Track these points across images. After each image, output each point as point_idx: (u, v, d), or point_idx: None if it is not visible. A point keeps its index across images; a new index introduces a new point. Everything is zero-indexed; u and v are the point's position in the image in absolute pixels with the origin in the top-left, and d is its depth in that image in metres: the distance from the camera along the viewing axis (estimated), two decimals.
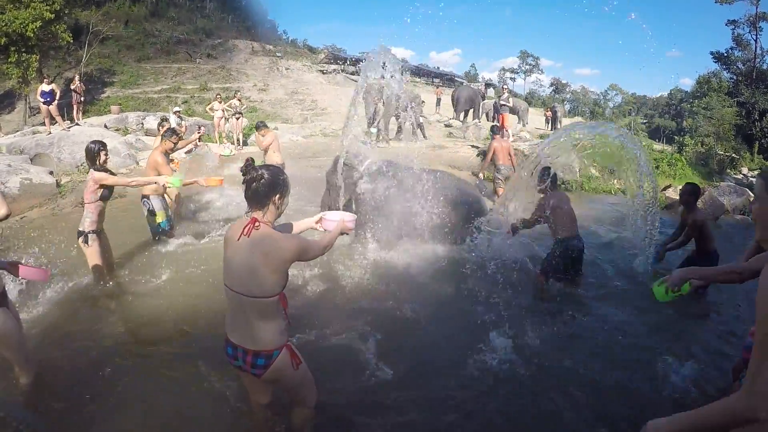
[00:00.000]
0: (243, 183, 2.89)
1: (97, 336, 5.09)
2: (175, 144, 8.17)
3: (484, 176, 13.66)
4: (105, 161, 5.99)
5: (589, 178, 14.66)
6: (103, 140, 6.32)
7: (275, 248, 2.81)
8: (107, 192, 5.99)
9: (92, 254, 6.02)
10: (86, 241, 5.96)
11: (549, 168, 6.89)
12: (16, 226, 9.14)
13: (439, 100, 31.44)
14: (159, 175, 7.33)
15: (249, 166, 2.91)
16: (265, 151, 10.64)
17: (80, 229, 5.96)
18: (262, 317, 2.89)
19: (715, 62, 46.47)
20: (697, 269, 3.16)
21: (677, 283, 2.97)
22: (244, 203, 2.97)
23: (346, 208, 7.94)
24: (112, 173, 6.12)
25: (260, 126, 11.15)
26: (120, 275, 6.66)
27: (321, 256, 3.17)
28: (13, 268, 3.69)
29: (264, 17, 70.76)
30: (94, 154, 5.90)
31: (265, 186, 2.85)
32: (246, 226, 2.83)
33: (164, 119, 12.11)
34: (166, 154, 7.92)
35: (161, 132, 9.71)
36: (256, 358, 2.92)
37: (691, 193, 6.62)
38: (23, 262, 3.84)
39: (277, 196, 2.91)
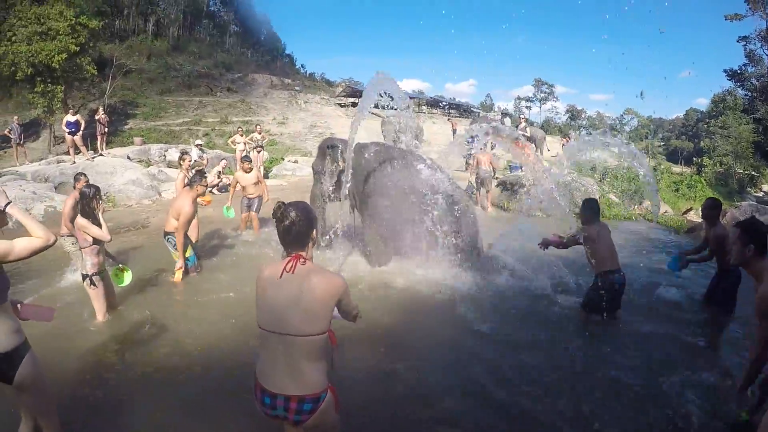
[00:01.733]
0: (281, 228, 2.77)
1: (111, 365, 5.11)
2: (206, 187, 8.04)
3: (471, 182, 15.00)
4: (98, 205, 5.93)
5: (610, 205, 14.47)
6: (97, 185, 6.33)
7: (325, 281, 2.69)
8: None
9: (97, 296, 5.99)
10: (92, 284, 5.91)
11: (590, 199, 6.76)
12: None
13: (454, 131, 31.22)
14: (179, 220, 7.37)
15: (283, 211, 2.78)
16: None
17: (83, 272, 5.93)
18: (310, 358, 2.68)
19: (729, 80, 45.60)
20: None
21: None
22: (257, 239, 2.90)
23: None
24: (96, 221, 5.84)
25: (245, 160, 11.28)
26: (138, 306, 6.62)
27: (353, 317, 3.07)
28: (12, 309, 3.35)
29: (282, 52, 71.96)
30: (89, 198, 5.81)
31: (304, 226, 2.77)
32: (288, 262, 2.72)
33: (184, 152, 12.16)
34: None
35: (183, 166, 9.67)
36: (302, 404, 2.68)
37: (712, 207, 6.47)
38: (25, 302, 3.62)
39: (314, 230, 2.86)
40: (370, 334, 5.61)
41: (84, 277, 5.90)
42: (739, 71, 44.30)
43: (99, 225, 5.81)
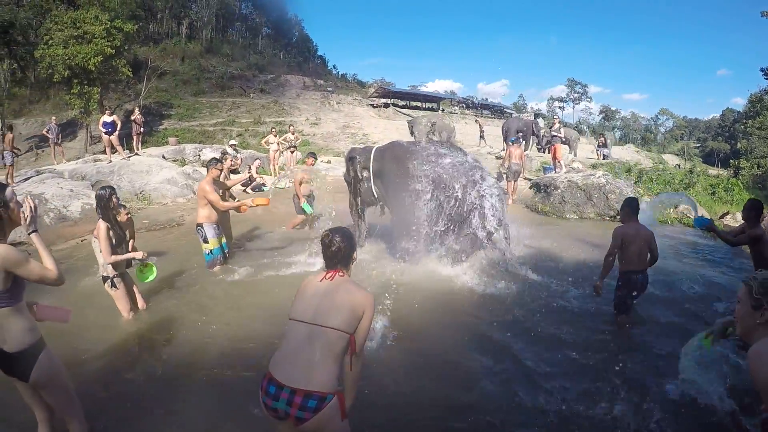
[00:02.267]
0: (328, 253, 3.01)
1: (137, 363, 5.08)
2: (221, 171, 8.19)
3: (502, 173, 15.30)
4: (116, 206, 5.76)
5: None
6: (112, 185, 6.18)
7: (359, 291, 2.93)
8: (120, 238, 5.76)
9: (119, 296, 5.87)
10: (113, 286, 5.79)
11: (629, 198, 6.44)
12: (78, 246, 9.35)
13: (482, 133, 30.68)
14: (206, 204, 7.49)
15: (331, 239, 3.02)
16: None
17: (104, 274, 5.78)
18: (328, 355, 2.77)
19: (767, 78, 44.73)
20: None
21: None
22: (293, 237, 2.79)
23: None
24: (116, 223, 5.71)
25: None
26: (167, 303, 6.57)
27: (361, 346, 2.96)
28: (29, 309, 3.33)
29: (314, 53, 72.26)
30: (106, 200, 5.58)
31: (347, 250, 3.04)
32: (329, 272, 3.00)
33: (225, 153, 12.09)
34: (216, 182, 7.84)
35: (224, 165, 9.62)
36: (308, 399, 2.68)
37: (752, 207, 6.06)
38: (40, 302, 3.55)
39: (355, 253, 3.14)
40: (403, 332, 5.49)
41: (105, 279, 5.79)
42: None
43: (117, 226, 5.69)
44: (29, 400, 3.42)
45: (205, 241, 7.63)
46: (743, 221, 6.44)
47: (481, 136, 30.26)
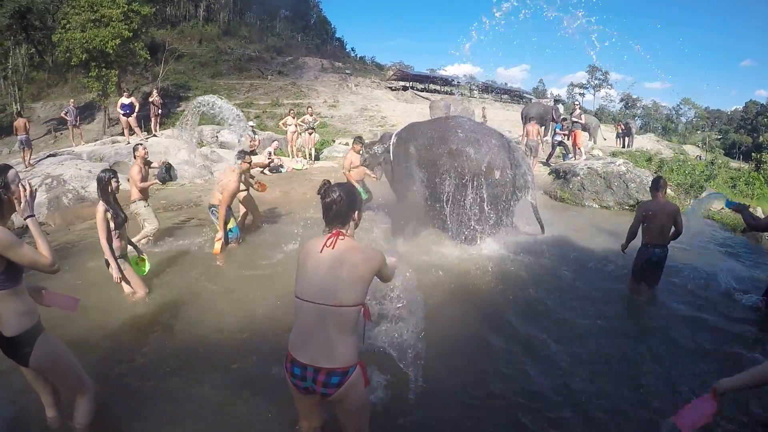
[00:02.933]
0: (323, 204, 2.90)
1: (147, 342, 5.08)
2: (250, 164, 8.23)
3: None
4: (116, 189, 5.69)
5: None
6: (113, 168, 6.14)
7: (364, 257, 2.81)
8: (120, 220, 5.70)
9: (126, 276, 5.80)
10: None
11: (659, 177, 6.81)
12: (95, 226, 9.25)
13: (485, 121, 29.91)
14: (223, 194, 7.63)
15: (327, 188, 2.94)
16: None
17: (106, 257, 5.64)
18: (343, 330, 2.75)
19: None
20: None
21: None
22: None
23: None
24: (115, 207, 5.68)
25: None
26: (179, 283, 6.58)
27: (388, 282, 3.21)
28: (37, 294, 3.38)
29: (332, 35, 71.85)
30: (105, 183, 5.57)
31: (345, 205, 2.89)
32: (329, 237, 2.84)
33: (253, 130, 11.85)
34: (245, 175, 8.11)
35: (252, 144, 9.44)
36: (331, 376, 2.73)
37: None
38: (48, 288, 3.52)
39: (356, 212, 2.98)
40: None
41: (107, 262, 5.64)
42: None
43: (117, 209, 5.68)
44: (33, 383, 3.40)
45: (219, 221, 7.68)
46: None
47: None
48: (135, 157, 8.39)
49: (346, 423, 3.00)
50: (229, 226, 7.75)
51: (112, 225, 5.58)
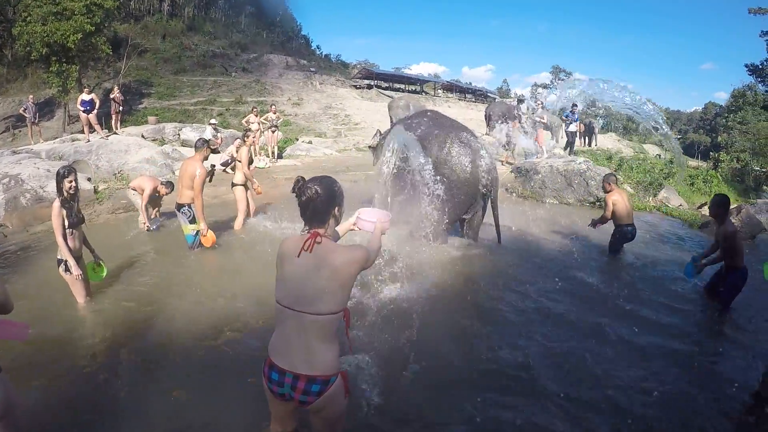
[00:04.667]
0: (298, 204, 2.72)
1: (106, 350, 4.97)
2: (211, 151, 8.17)
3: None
4: (71, 188, 5.43)
5: None
6: (71, 166, 5.75)
7: (343, 262, 2.61)
8: (75, 220, 5.52)
9: (73, 281, 5.64)
10: (66, 270, 5.53)
11: (612, 174, 9.10)
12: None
13: None
14: (191, 187, 7.49)
15: (302, 185, 2.73)
16: None
17: (59, 257, 5.54)
18: (324, 338, 2.63)
19: (750, 75, 45.04)
20: None
21: None
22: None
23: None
24: (71, 205, 5.48)
25: None
26: (152, 284, 6.54)
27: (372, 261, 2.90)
28: None
29: (298, 33, 71.57)
30: (59, 179, 5.41)
31: (323, 202, 2.69)
32: (306, 240, 2.64)
33: (248, 130, 11.78)
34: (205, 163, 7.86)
35: (246, 142, 9.54)
36: (311, 384, 2.62)
37: (719, 204, 6.23)
38: None
39: (336, 208, 2.78)
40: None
41: (59, 262, 5.55)
42: (760, 66, 43.55)
43: (78, 210, 5.57)
44: None
45: (192, 221, 7.57)
46: (711, 217, 6.65)
47: None
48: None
49: (322, 429, 2.88)
50: (197, 228, 7.59)
51: (66, 223, 5.41)
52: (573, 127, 19.40)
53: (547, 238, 9.33)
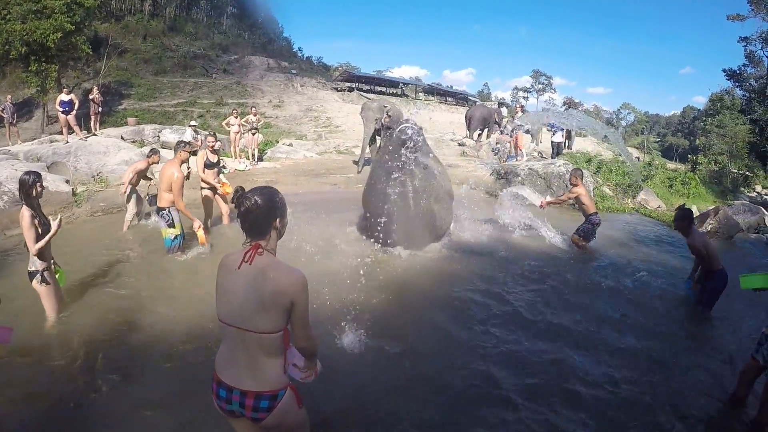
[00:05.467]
0: (238, 215, 2.64)
1: (97, 350, 4.98)
2: (189, 154, 8.07)
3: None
4: (40, 193, 5.20)
5: (603, 197, 14.48)
6: (37, 171, 5.46)
7: (282, 277, 2.53)
8: (47, 227, 5.22)
9: (49, 294, 5.35)
10: (42, 281, 5.25)
11: (579, 169, 9.82)
12: None
13: None
14: (170, 190, 7.49)
15: (241, 196, 2.63)
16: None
17: (31, 269, 5.22)
18: (267, 354, 2.58)
19: (728, 79, 45.68)
20: None
21: None
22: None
23: None
24: (39, 211, 5.23)
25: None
26: (129, 290, 6.50)
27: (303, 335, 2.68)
28: None
29: (279, 35, 71.58)
30: (29, 186, 5.08)
31: (263, 213, 2.59)
32: (247, 252, 2.58)
33: (211, 133, 11.89)
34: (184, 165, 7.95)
35: (208, 146, 9.39)
36: (259, 400, 2.57)
37: (682, 218, 6.40)
38: None
39: (277, 219, 2.67)
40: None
41: (32, 274, 5.23)
42: (738, 71, 44.40)
43: (42, 214, 5.24)
44: None
45: (171, 225, 7.56)
46: (677, 230, 6.84)
47: None
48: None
49: None
50: (175, 232, 7.59)
51: (40, 231, 5.14)
52: (558, 137, 19.48)
53: (527, 241, 9.54)
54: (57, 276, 5.61)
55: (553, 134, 19.48)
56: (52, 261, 5.56)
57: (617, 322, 6.20)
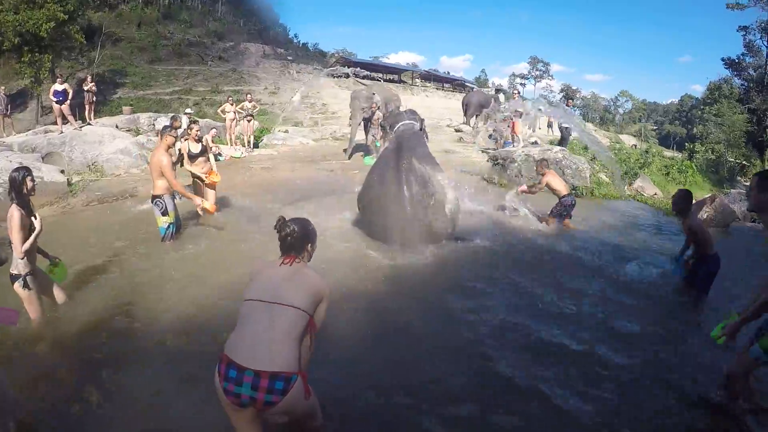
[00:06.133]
0: (279, 239, 3.10)
1: (97, 337, 5.02)
2: (176, 138, 7.99)
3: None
4: (32, 188, 5.02)
5: (600, 184, 14.48)
6: (26, 166, 5.34)
7: (317, 277, 3.02)
8: (35, 226, 5.02)
9: (32, 299, 5.05)
10: (25, 286, 4.95)
11: (545, 159, 10.63)
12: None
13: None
14: (162, 176, 7.43)
15: (283, 223, 3.11)
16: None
17: (14, 272, 4.93)
18: (290, 333, 2.75)
19: (726, 68, 46.07)
20: (740, 321, 3.79)
21: (732, 334, 3.80)
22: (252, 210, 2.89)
23: None
24: (30, 210, 5.02)
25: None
26: (126, 277, 6.54)
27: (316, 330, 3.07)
28: None
29: (275, 21, 71.08)
30: (19, 183, 4.89)
31: (299, 239, 3.09)
32: (286, 258, 3.05)
33: (193, 121, 11.81)
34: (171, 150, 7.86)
35: (191, 135, 9.14)
36: (274, 381, 2.61)
37: (682, 199, 6.41)
38: None
39: (310, 244, 3.18)
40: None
41: (14, 277, 4.95)
42: (736, 60, 44.62)
43: (31, 213, 5.00)
44: None
45: (164, 213, 7.56)
46: (675, 212, 6.84)
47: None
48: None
49: (298, 426, 2.95)
50: (169, 220, 7.58)
51: (28, 232, 4.94)
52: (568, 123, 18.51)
53: (524, 226, 9.62)
54: (57, 270, 5.52)
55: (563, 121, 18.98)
56: (56, 258, 5.54)
57: (615, 306, 6.25)
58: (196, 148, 9.09)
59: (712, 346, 4.76)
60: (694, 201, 7.25)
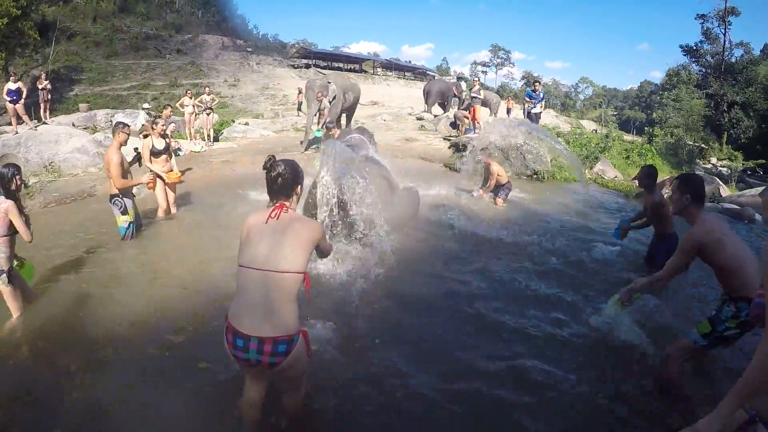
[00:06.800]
0: (268, 178, 3.06)
1: (72, 339, 4.92)
2: (128, 135, 7.70)
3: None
4: (20, 186, 5.06)
5: (561, 168, 14.73)
6: (17, 163, 5.39)
7: (307, 227, 2.97)
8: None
9: (13, 293, 5.08)
10: (9, 281, 5.00)
11: (486, 148, 10.61)
12: None
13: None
14: (112, 174, 7.27)
15: (273, 163, 3.08)
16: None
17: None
18: (286, 298, 2.83)
19: (685, 55, 47.63)
20: (634, 285, 4.23)
21: (627, 299, 4.24)
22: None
23: None
24: (20, 206, 5.03)
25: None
26: (90, 277, 6.46)
27: (328, 249, 3.33)
28: None
29: (234, 12, 70.43)
30: (8, 180, 4.91)
31: (290, 179, 3.05)
32: (274, 210, 2.97)
33: (158, 116, 11.81)
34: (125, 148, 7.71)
35: (155, 131, 8.79)
36: (277, 345, 2.78)
37: (647, 175, 6.67)
38: None
39: (299, 186, 3.13)
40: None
41: None
42: (694, 48, 46.01)
43: (24, 214, 5.04)
44: None
45: (124, 212, 7.46)
46: (640, 187, 7.17)
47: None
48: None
49: (288, 387, 3.17)
50: (128, 219, 7.52)
51: (8, 228, 4.92)
52: (538, 108, 17.67)
53: (484, 212, 9.73)
54: (23, 271, 5.43)
55: (533, 106, 18.05)
56: (22, 258, 5.48)
57: (580, 285, 6.46)
58: (160, 144, 8.81)
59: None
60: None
